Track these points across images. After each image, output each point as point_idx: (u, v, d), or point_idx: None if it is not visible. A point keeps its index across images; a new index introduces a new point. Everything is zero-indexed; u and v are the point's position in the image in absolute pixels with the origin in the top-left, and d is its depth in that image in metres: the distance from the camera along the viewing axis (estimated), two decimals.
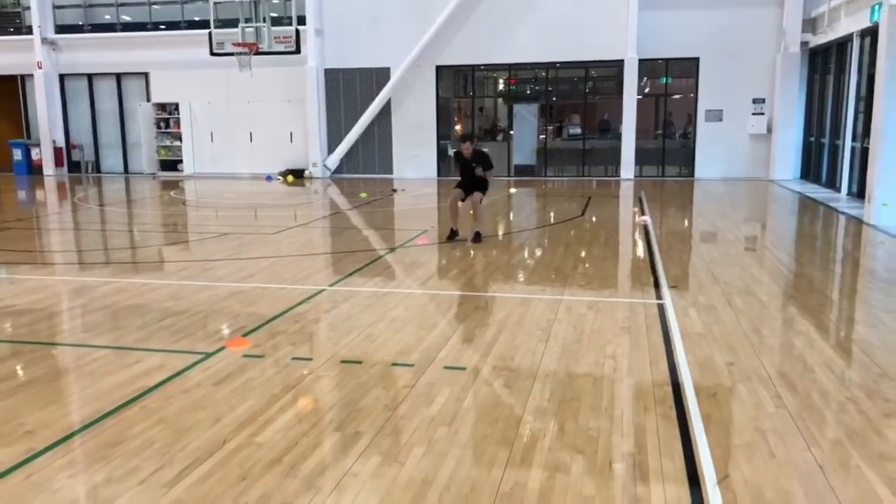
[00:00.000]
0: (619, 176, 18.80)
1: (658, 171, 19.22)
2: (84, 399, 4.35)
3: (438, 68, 19.42)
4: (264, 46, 16.55)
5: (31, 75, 21.45)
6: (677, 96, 19.26)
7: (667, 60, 18.58)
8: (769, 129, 17.98)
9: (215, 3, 17.40)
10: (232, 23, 17.41)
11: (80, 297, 6.97)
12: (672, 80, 19.12)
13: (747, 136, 18.23)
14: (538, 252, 9.36)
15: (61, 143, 21.85)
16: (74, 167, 22.06)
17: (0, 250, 9.40)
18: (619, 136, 18.72)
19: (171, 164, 21.46)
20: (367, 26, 19.30)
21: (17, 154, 21.80)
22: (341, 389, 4.48)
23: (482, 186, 9.66)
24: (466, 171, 9.67)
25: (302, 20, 18.60)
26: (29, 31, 21.34)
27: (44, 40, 21.10)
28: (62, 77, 21.71)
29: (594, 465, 3.47)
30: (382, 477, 3.36)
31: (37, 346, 5.43)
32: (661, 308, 6.23)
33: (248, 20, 16.74)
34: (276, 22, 17.28)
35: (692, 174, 18.77)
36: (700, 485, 3.27)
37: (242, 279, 7.54)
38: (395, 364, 4.91)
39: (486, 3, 18.68)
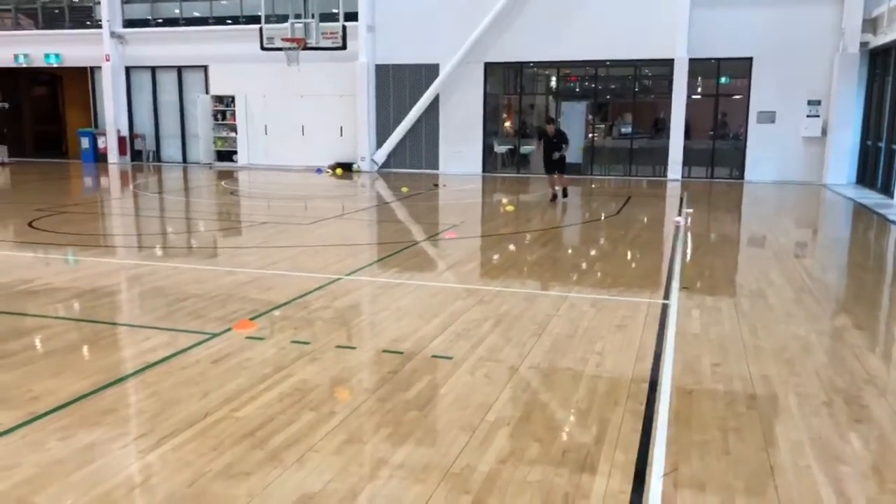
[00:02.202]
0: (666, 176, 18.56)
1: (707, 173, 18.89)
2: (91, 370, 4.68)
3: (487, 65, 19.53)
4: (312, 42, 16.96)
5: (100, 67, 22.49)
6: (733, 97, 18.85)
7: (719, 60, 18.22)
8: (824, 132, 17.46)
9: None
10: (286, 18, 17.90)
11: (113, 277, 7.40)
12: (728, 80, 18.75)
13: (800, 138, 17.73)
14: (558, 250, 9.41)
15: (125, 132, 22.84)
16: (136, 156, 23.03)
17: (51, 232, 9.99)
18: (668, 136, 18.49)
19: (227, 155, 22.18)
20: (417, 23, 19.54)
21: (85, 142, 22.89)
22: (328, 372, 4.69)
23: (563, 164, 13.41)
24: (549, 148, 13.11)
25: (352, 17, 18.98)
26: (99, 25, 22.36)
27: (112, 34, 22.08)
28: (128, 69, 22.68)
29: (547, 453, 3.58)
30: (343, 454, 3.56)
31: (62, 321, 5.83)
32: (665, 308, 6.24)
33: (297, 16, 17.18)
34: (326, 18, 17.67)
35: (742, 176, 18.38)
36: (645, 477, 3.35)
37: (265, 266, 7.85)
38: (385, 351, 5.10)
39: (536, 0, 18.67)
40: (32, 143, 25.56)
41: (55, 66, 23.32)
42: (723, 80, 18.82)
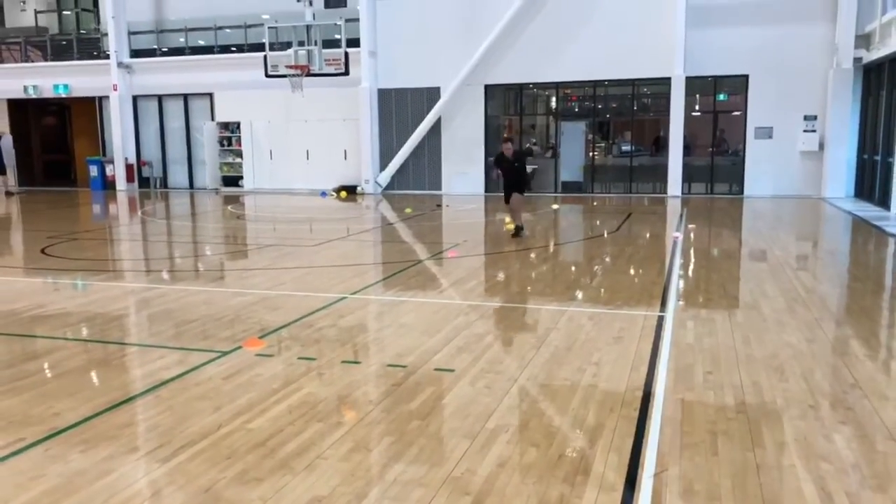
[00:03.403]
0: (666, 193, 18.78)
1: (707, 189, 19.11)
2: (108, 388, 4.88)
3: (487, 87, 19.88)
4: (315, 68, 17.33)
5: (108, 97, 22.93)
6: (731, 113, 19.12)
7: (715, 78, 18.53)
8: (821, 147, 17.69)
9: (270, 28, 18.29)
10: (289, 46, 18.28)
11: (125, 301, 7.63)
12: (726, 97, 19.04)
13: (798, 153, 17.98)
14: (558, 266, 9.61)
15: (133, 160, 23.22)
16: (144, 183, 23.38)
17: (63, 258, 10.23)
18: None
19: (233, 180, 22.51)
20: (418, 48, 19.94)
21: (94, 170, 23.27)
22: (334, 385, 4.88)
23: (521, 186, 11.53)
24: (509, 172, 11.40)
25: (354, 43, 19.38)
26: (106, 55, 22.83)
27: (119, 64, 22.54)
28: (135, 98, 23.12)
29: (544, 457, 3.76)
30: (350, 461, 3.74)
31: (77, 343, 6.04)
32: (661, 320, 6.42)
33: (301, 43, 17.57)
34: (329, 45, 18.05)
35: (741, 192, 18.60)
36: (636, 477, 3.53)
37: (272, 287, 8.07)
38: (389, 365, 5.29)
39: (534, 23, 19.05)
40: (42, 171, 25.97)
41: (64, 96, 23.80)
42: (720, 97, 19.12)
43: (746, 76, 18.11)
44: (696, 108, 19.63)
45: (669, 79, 18.11)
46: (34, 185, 24.56)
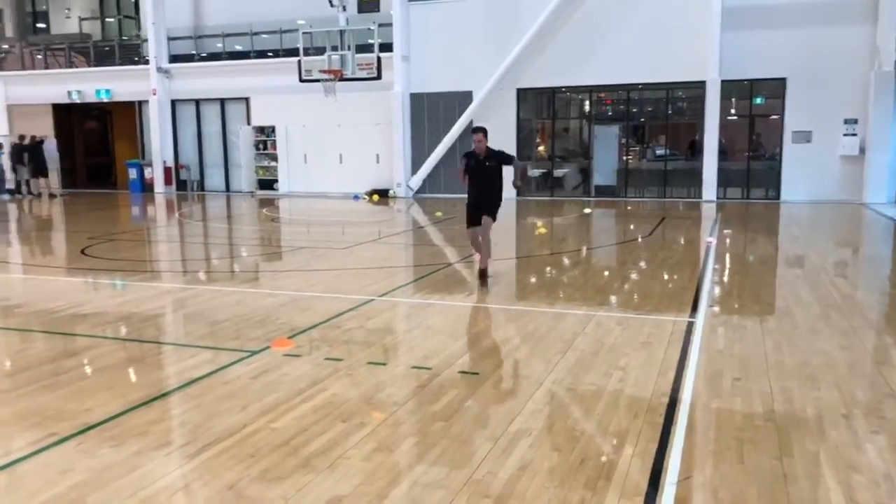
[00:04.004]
0: (700, 198, 18.53)
1: (743, 194, 18.81)
2: (139, 385, 4.99)
3: (519, 91, 19.83)
4: (348, 73, 17.47)
5: (147, 101, 23.40)
6: (767, 117, 18.81)
7: (752, 81, 18.24)
8: (862, 151, 17.29)
9: (305, 33, 18.50)
10: (324, 51, 18.47)
11: (159, 301, 7.77)
12: (763, 100, 18.75)
13: (838, 157, 17.58)
14: (588, 270, 9.54)
15: (171, 163, 23.64)
16: (182, 185, 23.79)
17: (102, 258, 10.46)
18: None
19: (268, 184, 22.77)
20: (450, 52, 19.98)
21: (133, 173, 23.75)
22: (359, 387, 4.91)
23: (495, 202, 8.21)
24: (479, 177, 8.04)
25: (387, 47, 19.49)
26: (146, 61, 23.31)
27: (159, 69, 22.97)
28: (173, 102, 23.54)
29: (566, 461, 3.74)
30: (372, 461, 3.76)
31: (112, 341, 6.17)
32: (691, 326, 6.34)
33: (334, 48, 17.73)
34: (362, 49, 18.19)
35: (778, 197, 18.26)
36: (659, 483, 3.49)
37: (303, 288, 8.16)
38: (414, 367, 5.31)
39: (567, 26, 18.97)
40: (84, 174, 26.60)
41: (105, 100, 24.33)
42: (757, 100, 18.83)
43: (784, 79, 17.78)
44: (732, 111, 19.34)
45: (704, 82, 17.87)
46: (77, 188, 25.16)
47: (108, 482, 3.54)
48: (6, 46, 26.79)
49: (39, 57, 25.85)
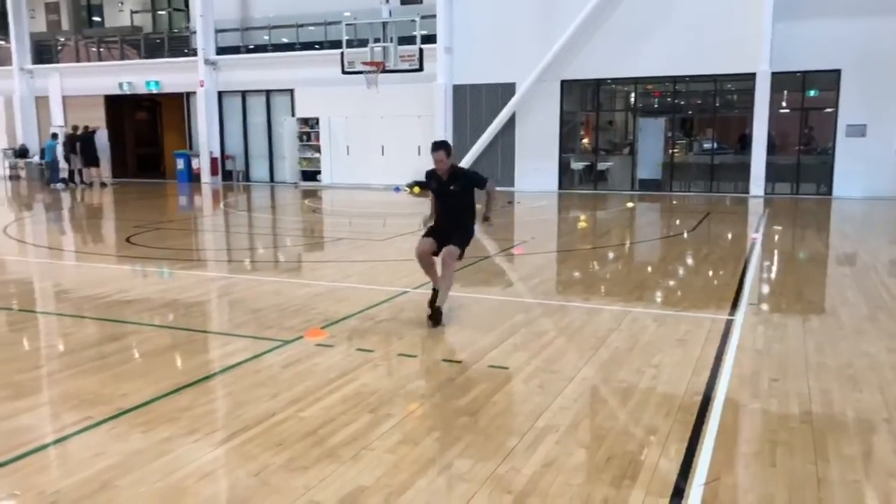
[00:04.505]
0: (748, 193, 18.09)
1: (792, 189, 18.30)
2: (174, 372, 5.08)
3: (563, 82, 19.61)
4: (390, 65, 17.50)
5: (195, 93, 23.82)
6: (822, 110, 18.23)
7: (804, 73, 17.70)
8: None
9: (348, 25, 18.59)
10: (367, 43, 18.54)
11: (199, 289, 7.91)
12: (816, 93, 18.18)
13: (894, 152, 16.97)
14: (627, 265, 9.40)
15: (217, 153, 24.05)
16: (227, 176, 24.19)
17: (146, 247, 10.70)
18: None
19: (312, 175, 23.00)
20: (494, 43, 19.85)
21: (180, 163, 24.24)
22: (388, 378, 4.92)
23: (464, 232, 6.43)
24: (445, 202, 6.41)
25: (430, 39, 19.47)
26: (194, 53, 23.72)
27: (206, 61, 23.35)
28: (220, 94, 23.91)
29: (592, 459, 3.69)
30: (396, 453, 3.76)
31: (151, 328, 6.30)
32: (729, 324, 6.19)
33: (377, 40, 17.78)
34: (405, 41, 18.20)
35: (830, 192, 17.72)
36: (686, 484, 3.41)
37: (339, 279, 8.21)
38: (444, 360, 5.30)
39: (613, 17, 18.67)
40: (134, 164, 27.25)
41: (155, 92, 24.86)
42: (810, 93, 18.27)
43: (838, 71, 17.21)
44: (784, 104, 18.81)
45: (754, 74, 17.41)
46: (127, 177, 25.79)
47: (138, 466, 3.61)
48: (62, 39, 27.57)
49: (93, 49, 26.54)
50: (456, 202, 6.36)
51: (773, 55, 17.10)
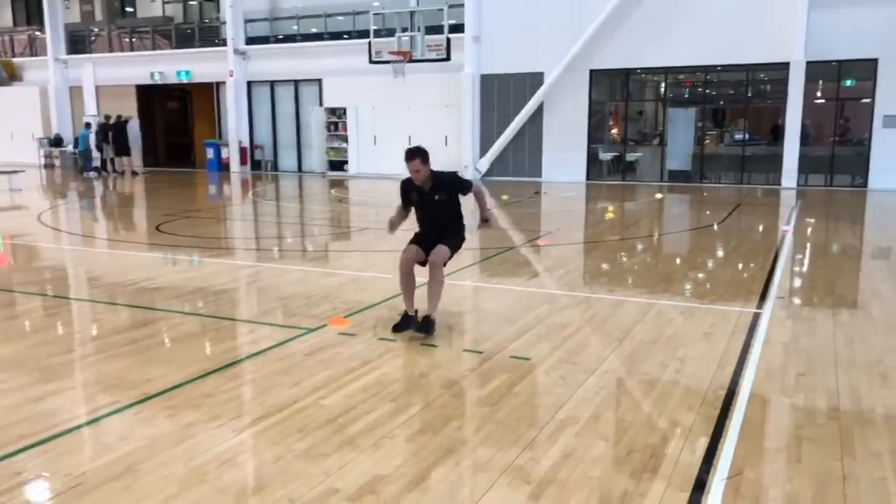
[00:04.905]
0: (780, 184, 17.78)
1: (826, 181, 17.94)
2: (198, 358, 5.14)
3: (592, 72, 19.42)
4: (417, 54, 17.47)
5: (224, 83, 24.02)
6: (857, 100, 17.83)
7: (840, 62, 17.30)
8: None
9: (376, 14, 18.58)
10: (395, 32, 18.53)
11: (225, 277, 8.00)
12: (852, 83, 17.77)
13: None
14: (654, 257, 9.30)
15: (246, 143, 24.25)
16: (256, 165, 24.39)
17: (175, 235, 10.84)
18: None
19: (339, 165, 23.09)
20: (522, 33, 19.69)
21: (210, 153, 24.49)
22: (410, 367, 4.93)
23: (452, 235, 5.92)
24: (427, 210, 5.91)
25: (458, 28, 19.39)
26: (224, 43, 23.91)
27: (236, 51, 23.53)
28: (249, 84, 24.09)
29: (613, 451, 3.66)
30: (415, 442, 3.77)
31: (177, 315, 6.38)
32: (756, 317, 6.09)
33: (404, 29, 17.75)
34: (433, 30, 18.14)
35: (865, 184, 17.34)
36: (707, 479, 3.37)
37: (363, 269, 8.24)
38: (466, 350, 5.29)
39: (643, 5, 18.41)
40: (164, 153, 27.60)
41: (185, 82, 25.11)
42: (846, 82, 17.87)
43: (875, 60, 16.80)
44: (818, 94, 18.42)
45: (788, 64, 17.07)
46: (158, 166, 26.13)
47: (161, 451, 3.66)
48: (96, 30, 27.95)
49: (126, 40, 26.87)
50: (443, 212, 5.83)
51: (808, 44, 16.74)
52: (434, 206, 5.80)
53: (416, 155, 5.68)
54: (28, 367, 4.92)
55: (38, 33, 28.07)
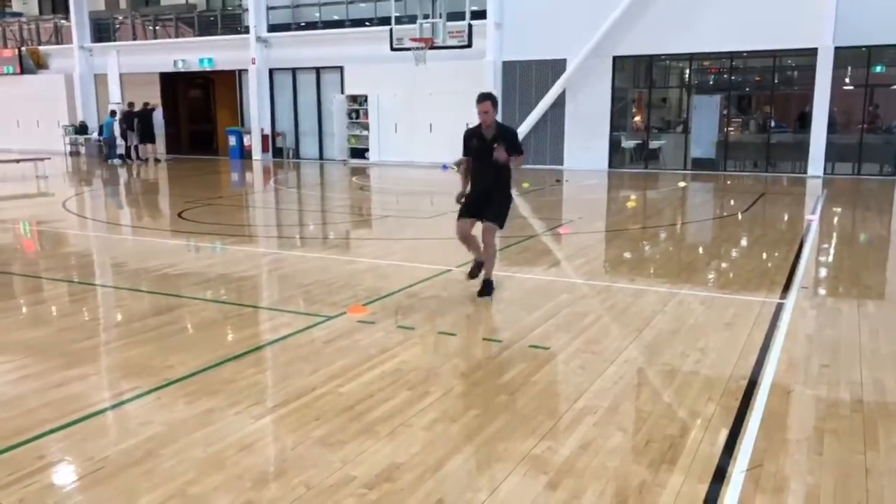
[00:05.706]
0: (806, 172, 17.50)
1: (854, 169, 17.63)
2: (218, 345, 5.18)
3: (615, 59, 19.21)
4: (439, 41, 17.37)
5: (246, 70, 24.10)
6: (887, 87, 17.46)
7: (870, 48, 16.94)
8: None
9: (397, 1, 18.49)
10: (416, 19, 18.43)
11: (246, 264, 8.04)
12: (883, 69, 17.39)
13: None
14: (676, 246, 9.20)
15: (268, 130, 24.35)
16: (278, 153, 24.48)
17: (196, 222, 10.93)
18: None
19: (360, 152, 23.11)
20: (544, 19, 19.52)
21: (232, 140, 24.62)
22: (428, 356, 4.93)
23: (502, 200, 6.29)
24: (484, 161, 6.17)
25: (479, 14, 19.24)
26: (247, 30, 23.97)
27: (258, 38, 23.58)
28: (271, 71, 24.15)
29: (630, 441, 3.63)
30: (432, 430, 3.77)
31: (198, 301, 6.43)
32: (779, 308, 6.01)
33: (426, 16, 17.66)
34: (455, 17, 18.02)
35: (895, 173, 17.01)
36: (727, 471, 3.33)
37: (383, 256, 8.25)
38: (484, 339, 5.28)
39: None
40: (188, 141, 27.80)
41: (208, 69, 25.24)
42: (877, 68, 17.49)
43: None
44: (847, 80, 18.07)
45: (816, 49, 16.75)
46: (181, 154, 26.34)
47: (181, 436, 3.70)
48: (120, 18, 28.15)
49: (149, 28, 27.04)
50: (497, 170, 6.17)
51: (837, 29, 16.41)
52: (490, 156, 6.07)
53: (488, 98, 6.13)
54: (52, 353, 4.99)
55: (63, 21, 28.34)
